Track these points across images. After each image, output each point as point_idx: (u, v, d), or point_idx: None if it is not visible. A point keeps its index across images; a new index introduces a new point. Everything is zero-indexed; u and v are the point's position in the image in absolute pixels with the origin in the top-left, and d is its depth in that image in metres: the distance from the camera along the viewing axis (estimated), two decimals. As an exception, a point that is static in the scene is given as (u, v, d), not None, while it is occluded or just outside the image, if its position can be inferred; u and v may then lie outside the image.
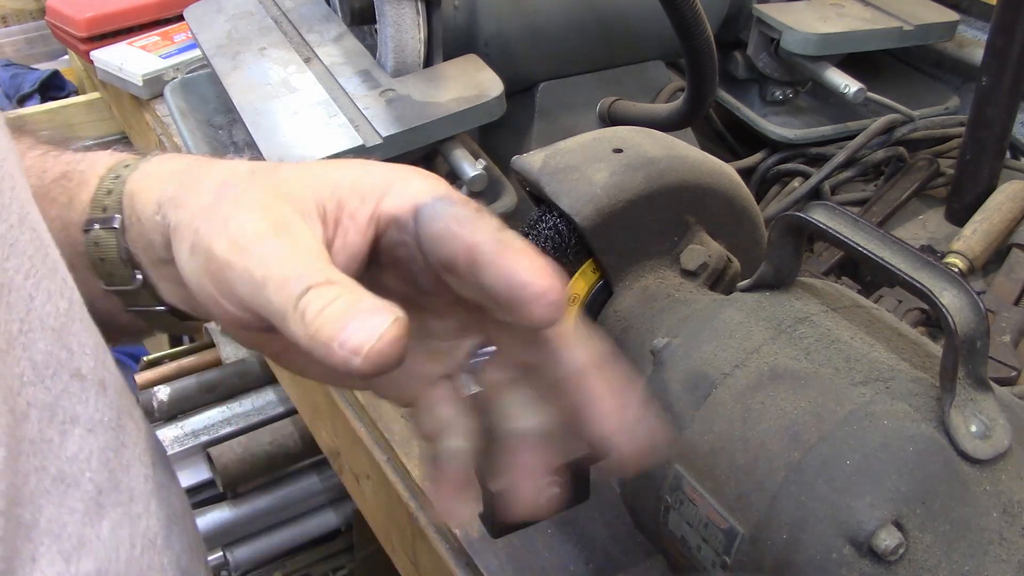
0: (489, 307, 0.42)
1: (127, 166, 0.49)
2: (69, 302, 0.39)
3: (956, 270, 0.99)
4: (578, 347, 0.43)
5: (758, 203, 0.79)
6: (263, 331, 0.40)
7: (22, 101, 2.01)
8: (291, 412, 1.55)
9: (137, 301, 0.50)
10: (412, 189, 0.43)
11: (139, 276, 0.48)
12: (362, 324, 0.36)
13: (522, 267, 0.39)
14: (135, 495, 0.38)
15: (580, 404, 0.43)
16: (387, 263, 0.44)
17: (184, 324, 0.51)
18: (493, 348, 0.44)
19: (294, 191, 0.42)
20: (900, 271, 0.51)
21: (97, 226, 0.48)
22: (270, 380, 1.62)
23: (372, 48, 1.00)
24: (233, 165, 0.46)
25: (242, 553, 1.76)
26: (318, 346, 0.36)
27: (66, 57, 2.20)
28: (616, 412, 0.42)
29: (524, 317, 0.39)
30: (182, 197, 0.44)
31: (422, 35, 0.95)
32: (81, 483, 0.35)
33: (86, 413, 0.36)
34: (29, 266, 0.37)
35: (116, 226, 0.47)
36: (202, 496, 1.72)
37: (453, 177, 0.97)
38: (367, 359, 0.36)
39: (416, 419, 0.46)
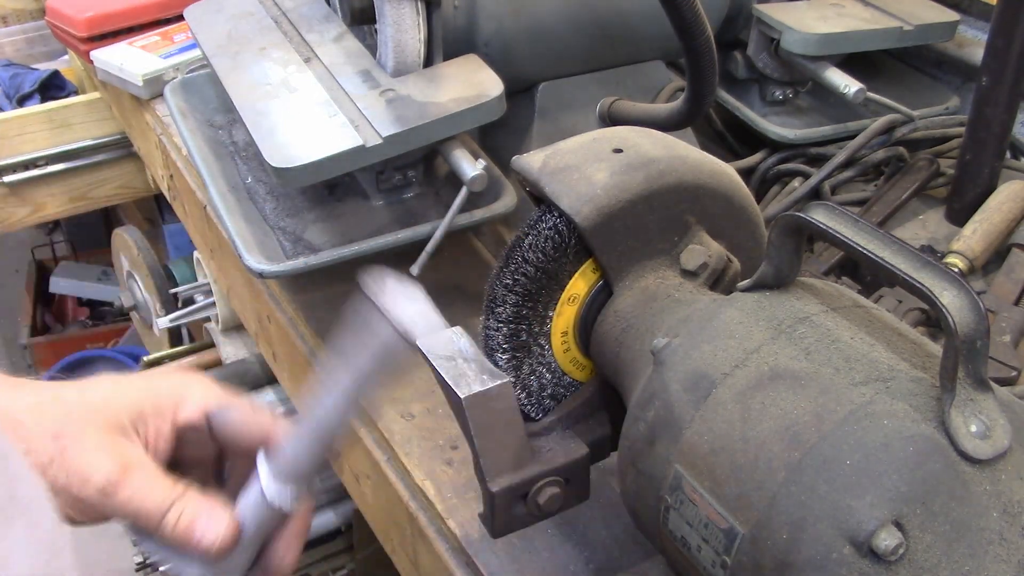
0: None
1: None
2: None
3: (956, 270, 1.00)
4: None
5: (758, 203, 0.79)
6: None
7: (22, 101, 2.01)
8: (291, 412, 1.55)
9: None
10: (198, 400, 0.61)
11: None
12: (204, 527, 0.57)
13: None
14: (30, 504, 0.49)
15: None
16: (182, 444, 0.61)
17: None
18: None
19: (113, 418, 0.57)
20: (900, 271, 0.51)
21: None
22: (270, 380, 1.62)
23: (372, 48, 1.00)
24: (41, 406, 0.57)
25: (242, 553, 1.75)
26: (183, 546, 0.57)
27: (66, 57, 2.20)
28: None
29: None
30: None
31: (422, 35, 0.95)
32: None
33: None
34: None
35: None
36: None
37: (453, 177, 0.97)
38: (219, 550, 0.57)
39: None
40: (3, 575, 0.43)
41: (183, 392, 0.61)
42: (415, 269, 0.94)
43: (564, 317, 0.70)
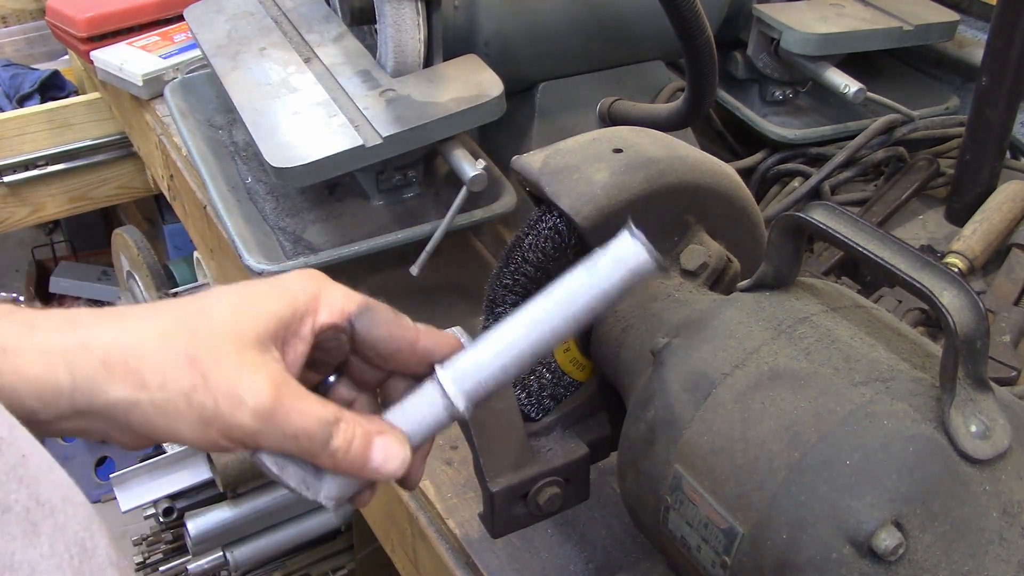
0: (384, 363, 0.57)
1: None
2: None
3: (956, 270, 0.99)
4: None
5: (758, 203, 0.79)
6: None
7: (22, 101, 2.01)
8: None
9: None
10: (336, 300, 0.55)
11: None
12: (386, 452, 0.53)
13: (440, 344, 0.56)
14: (54, 505, 0.40)
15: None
16: (313, 348, 0.56)
17: None
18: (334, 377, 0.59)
19: (249, 332, 0.52)
20: (900, 271, 0.51)
21: None
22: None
23: (372, 48, 1.00)
24: (163, 330, 0.51)
25: (242, 553, 1.76)
26: (348, 471, 0.52)
27: (66, 57, 2.20)
28: None
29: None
30: (122, 378, 0.50)
31: (422, 35, 0.95)
32: (12, 507, 0.37)
33: None
34: None
35: None
36: (202, 496, 1.73)
37: (453, 177, 0.97)
38: (396, 474, 0.53)
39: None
40: None
41: (320, 293, 0.55)
42: (415, 269, 0.94)
43: (564, 317, 0.70)
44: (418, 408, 0.55)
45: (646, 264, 0.52)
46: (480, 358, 0.54)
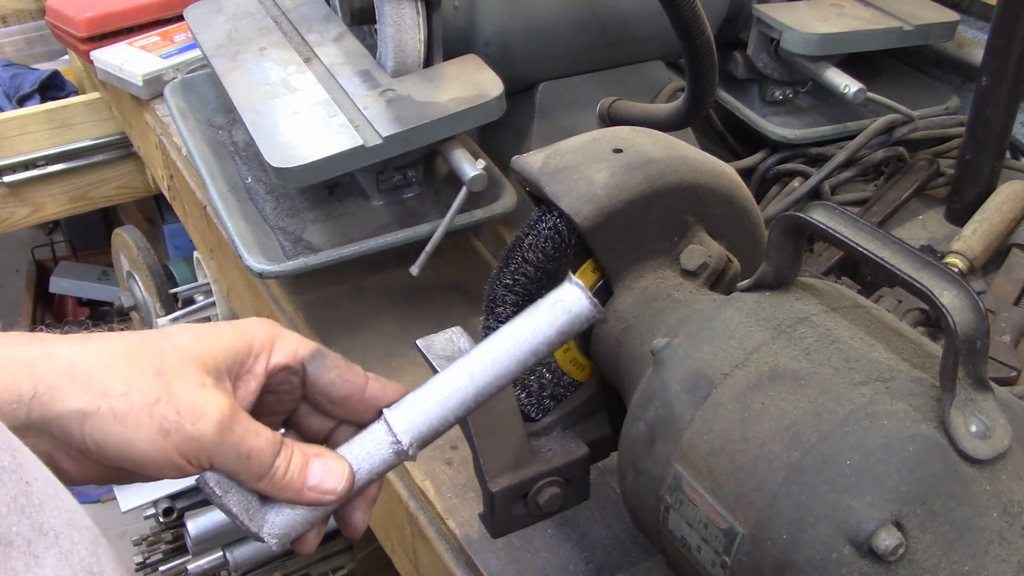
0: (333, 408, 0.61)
1: None
2: None
3: (956, 270, 0.99)
4: None
5: (758, 203, 0.79)
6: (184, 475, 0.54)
7: (22, 101, 2.01)
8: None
9: None
10: (291, 344, 0.59)
11: None
12: (324, 471, 0.55)
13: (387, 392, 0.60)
14: (58, 532, 0.40)
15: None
16: (265, 390, 0.59)
17: None
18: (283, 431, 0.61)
19: (209, 361, 0.55)
20: (900, 271, 0.51)
21: None
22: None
23: (372, 48, 1.00)
24: (129, 348, 0.54)
25: (242, 553, 1.76)
26: (289, 495, 0.55)
27: (66, 57, 2.20)
28: None
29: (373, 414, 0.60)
30: (84, 387, 0.51)
31: (422, 35, 0.95)
32: (14, 540, 0.36)
33: None
34: None
35: None
36: (202, 496, 1.73)
37: (453, 177, 0.97)
38: (339, 496, 0.55)
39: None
40: None
41: (277, 337, 0.59)
42: (415, 269, 0.94)
43: (564, 317, 0.70)
44: (364, 445, 0.57)
45: (586, 309, 0.55)
46: (428, 399, 0.56)
